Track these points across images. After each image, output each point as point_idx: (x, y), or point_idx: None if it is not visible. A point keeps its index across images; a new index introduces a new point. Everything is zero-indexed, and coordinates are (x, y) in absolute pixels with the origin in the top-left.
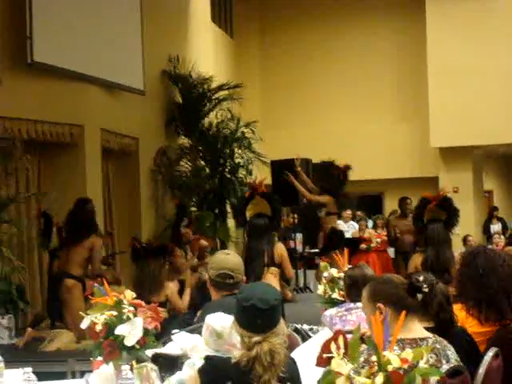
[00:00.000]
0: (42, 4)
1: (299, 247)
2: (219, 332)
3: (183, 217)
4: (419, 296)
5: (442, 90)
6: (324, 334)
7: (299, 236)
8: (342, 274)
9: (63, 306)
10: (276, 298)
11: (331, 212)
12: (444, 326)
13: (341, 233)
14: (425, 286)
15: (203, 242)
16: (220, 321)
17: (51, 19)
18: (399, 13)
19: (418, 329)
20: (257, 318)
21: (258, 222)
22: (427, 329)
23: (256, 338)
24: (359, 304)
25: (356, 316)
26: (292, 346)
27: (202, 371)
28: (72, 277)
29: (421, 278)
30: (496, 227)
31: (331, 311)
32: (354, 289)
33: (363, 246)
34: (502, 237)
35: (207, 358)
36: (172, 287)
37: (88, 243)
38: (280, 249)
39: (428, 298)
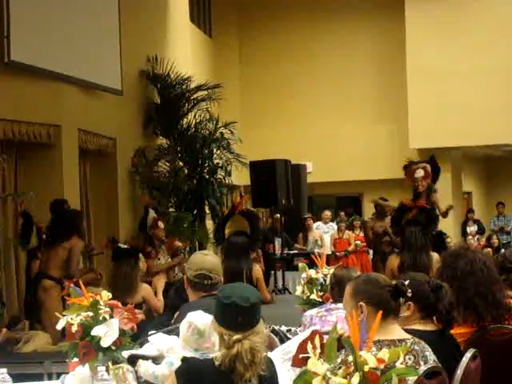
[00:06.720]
0: (20, 4)
1: (278, 252)
2: (202, 330)
3: (146, 218)
4: (401, 300)
5: (420, 91)
6: (304, 334)
7: (278, 241)
8: (320, 275)
9: (41, 308)
10: (256, 296)
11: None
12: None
13: None
14: (409, 290)
15: (177, 243)
16: (203, 319)
17: (28, 19)
18: (378, 14)
19: (397, 331)
20: (237, 316)
21: (236, 240)
22: (433, 332)
23: (236, 336)
24: (340, 305)
25: (336, 316)
26: (270, 347)
27: (178, 372)
28: (50, 278)
29: (406, 282)
30: (471, 229)
31: (312, 311)
32: (336, 288)
33: (341, 253)
34: (476, 237)
35: (184, 360)
36: (147, 288)
37: (68, 244)
38: (256, 271)
39: (436, 301)
